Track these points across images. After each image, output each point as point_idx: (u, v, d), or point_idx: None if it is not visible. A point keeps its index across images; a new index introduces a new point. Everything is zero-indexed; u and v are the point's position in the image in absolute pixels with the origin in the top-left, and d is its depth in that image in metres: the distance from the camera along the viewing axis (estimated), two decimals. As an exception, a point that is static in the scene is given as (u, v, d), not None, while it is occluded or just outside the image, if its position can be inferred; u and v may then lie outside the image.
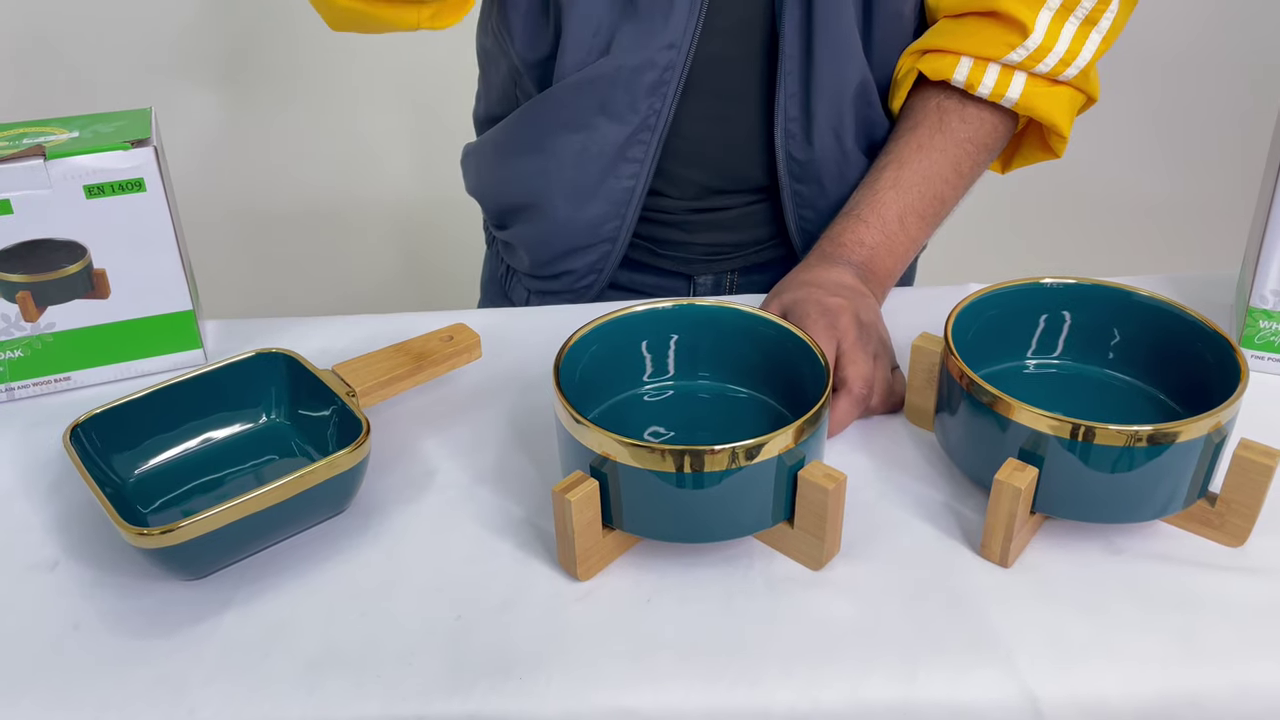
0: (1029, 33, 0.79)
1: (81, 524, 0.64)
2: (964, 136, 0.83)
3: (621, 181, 0.87)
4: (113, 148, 0.70)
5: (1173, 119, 1.84)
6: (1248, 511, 0.60)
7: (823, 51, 0.82)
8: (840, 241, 0.80)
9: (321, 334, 0.81)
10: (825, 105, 0.84)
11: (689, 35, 0.81)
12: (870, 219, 0.80)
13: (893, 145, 0.84)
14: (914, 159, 0.82)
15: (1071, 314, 0.69)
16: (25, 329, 0.73)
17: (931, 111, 0.84)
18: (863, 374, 0.68)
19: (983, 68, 0.81)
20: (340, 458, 0.60)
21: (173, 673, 0.55)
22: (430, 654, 0.56)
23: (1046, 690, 0.54)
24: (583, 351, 0.64)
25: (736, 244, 0.93)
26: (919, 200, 0.81)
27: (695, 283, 0.96)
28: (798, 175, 0.87)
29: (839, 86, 0.84)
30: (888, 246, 0.80)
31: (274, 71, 1.64)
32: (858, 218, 0.81)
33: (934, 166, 0.82)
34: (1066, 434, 0.57)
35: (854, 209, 0.81)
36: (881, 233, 0.80)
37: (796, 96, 0.84)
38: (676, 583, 0.60)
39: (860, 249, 0.79)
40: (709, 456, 0.55)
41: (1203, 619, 0.57)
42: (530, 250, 0.94)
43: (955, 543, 0.62)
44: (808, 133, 0.85)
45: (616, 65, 0.82)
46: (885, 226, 0.80)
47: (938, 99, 0.84)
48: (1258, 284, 0.74)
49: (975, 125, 0.83)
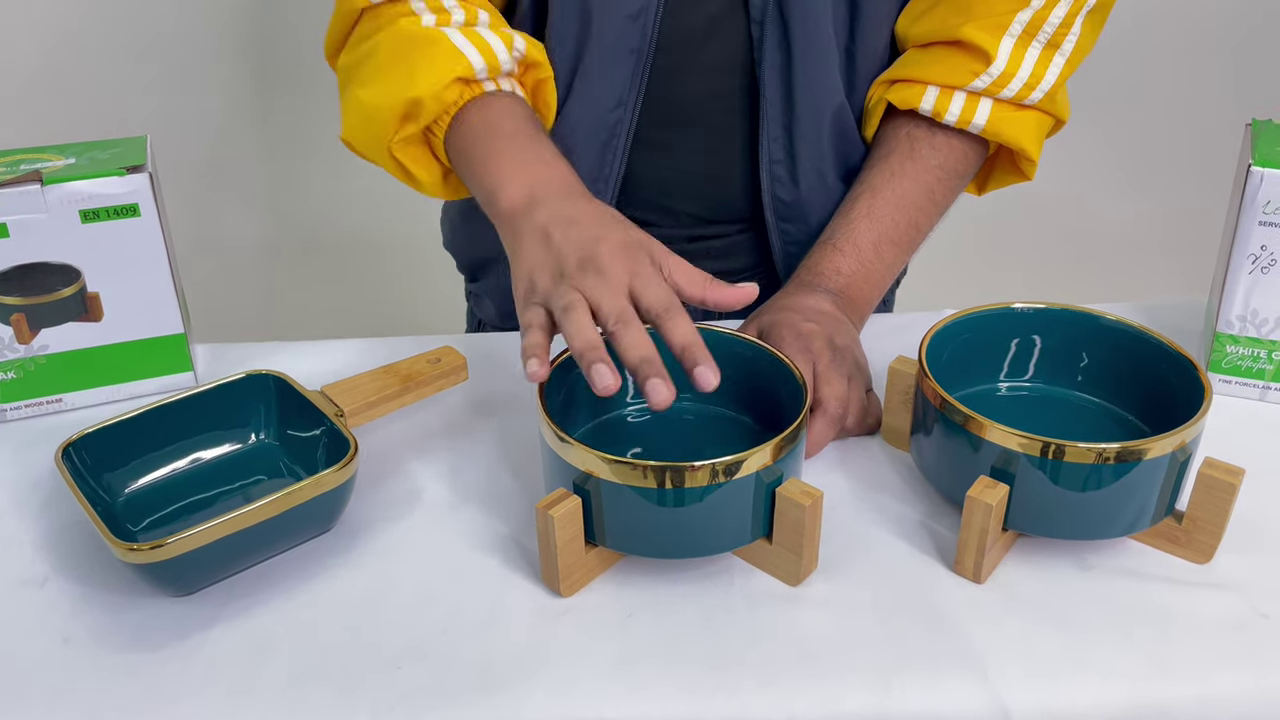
0: (992, 59, 0.81)
1: (71, 541, 0.65)
2: (935, 163, 0.85)
3: None
4: (108, 173, 0.72)
5: (1142, 151, 1.87)
6: (1213, 529, 0.62)
7: (803, 95, 0.83)
8: (817, 270, 0.81)
9: (311, 357, 0.82)
10: (807, 145, 0.86)
11: (634, 92, 0.83)
12: (845, 248, 0.81)
13: (866, 174, 0.86)
14: (887, 187, 0.84)
15: (1042, 338, 0.71)
16: (19, 351, 0.74)
17: (902, 140, 0.85)
18: (837, 394, 0.70)
19: (949, 96, 0.83)
20: (327, 476, 0.61)
21: (160, 686, 0.56)
22: (415, 668, 0.57)
23: (1019, 703, 0.55)
24: (566, 373, 0.66)
25: (721, 272, 0.95)
26: (893, 228, 0.83)
27: None
28: (783, 215, 0.89)
29: (819, 125, 0.85)
30: (863, 274, 0.81)
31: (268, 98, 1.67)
32: (834, 247, 0.82)
33: (907, 194, 0.83)
34: (1037, 452, 0.59)
35: (830, 238, 0.83)
36: (857, 261, 0.81)
37: (780, 140, 0.86)
38: (657, 598, 0.61)
39: (837, 277, 0.80)
40: (689, 473, 0.57)
41: (1171, 634, 0.59)
42: (498, 302, 0.97)
43: (930, 559, 0.63)
44: (793, 174, 0.87)
45: (571, 122, 0.84)
46: (860, 255, 0.82)
47: (907, 128, 0.86)
48: (1224, 310, 0.76)
49: (945, 152, 0.85)
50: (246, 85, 1.64)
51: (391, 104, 0.75)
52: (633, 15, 0.81)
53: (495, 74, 0.77)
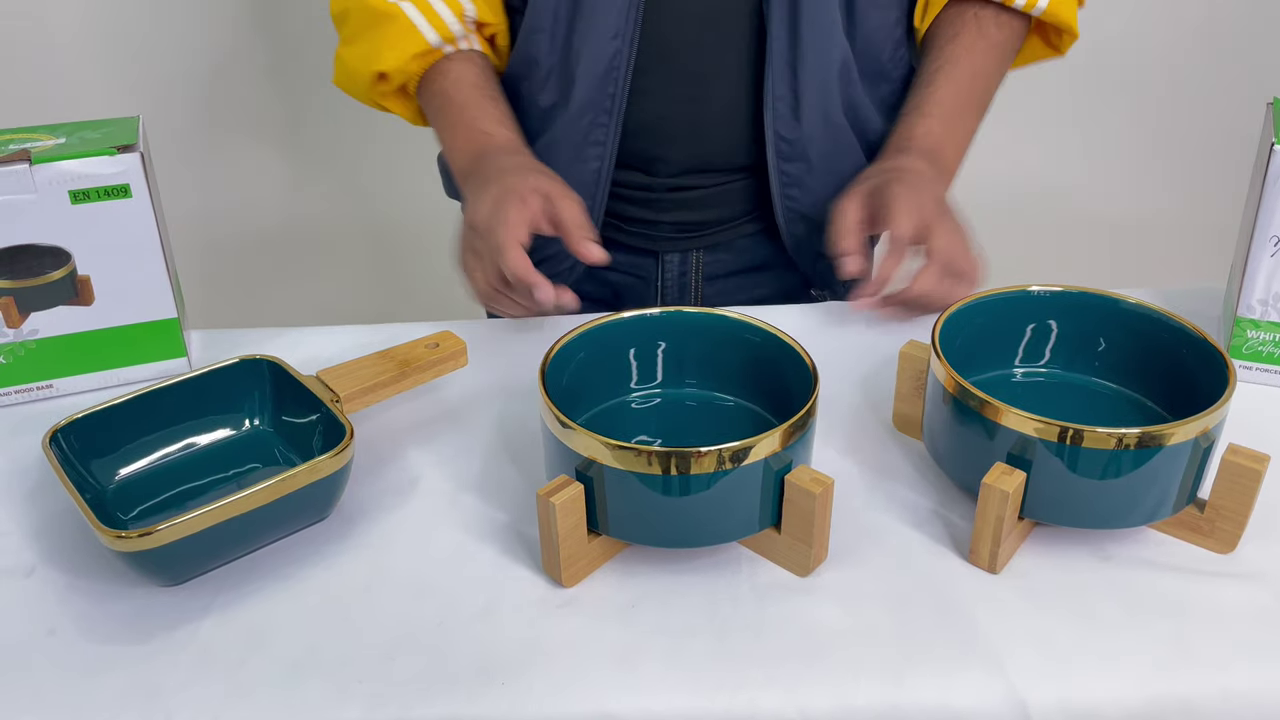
0: None
1: (59, 530, 0.63)
2: (999, 40, 0.91)
3: (588, 164, 0.91)
4: (99, 153, 0.70)
5: (1160, 136, 1.85)
6: (1237, 517, 0.60)
7: (808, 31, 0.86)
8: (911, 134, 0.87)
9: (308, 344, 0.80)
10: (812, 83, 0.88)
11: (630, 23, 0.86)
12: (934, 112, 0.87)
13: (939, 50, 0.90)
14: (964, 59, 0.89)
15: (1058, 322, 0.69)
16: (8, 336, 0.72)
17: (970, 20, 0.90)
18: (957, 249, 0.76)
19: None
20: (322, 462, 0.59)
21: (148, 678, 0.54)
22: (411, 658, 0.55)
23: (1035, 696, 0.53)
24: (569, 357, 0.64)
25: (702, 222, 0.97)
26: (970, 95, 0.89)
27: (663, 260, 0.99)
28: (786, 154, 0.91)
29: (825, 64, 0.88)
30: (951, 137, 0.88)
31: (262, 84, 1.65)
32: (923, 113, 0.87)
33: (980, 65, 0.90)
34: (1054, 437, 0.57)
35: (917, 106, 0.88)
36: (943, 125, 0.87)
37: (784, 76, 0.88)
38: (662, 589, 0.59)
39: (929, 139, 0.86)
40: (696, 459, 0.55)
41: (1192, 625, 0.57)
42: None
43: (944, 549, 0.62)
44: (796, 111, 0.89)
45: (570, 55, 0.87)
46: (946, 118, 0.88)
47: (974, 9, 0.91)
48: (1244, 294, 0.74)
49: (1007, 31, 0.91)
50: (242, 67, 1.62)
51: (365, 71, 0.89)
52: None
53: (451, 41, 0.88)
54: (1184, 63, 1.77)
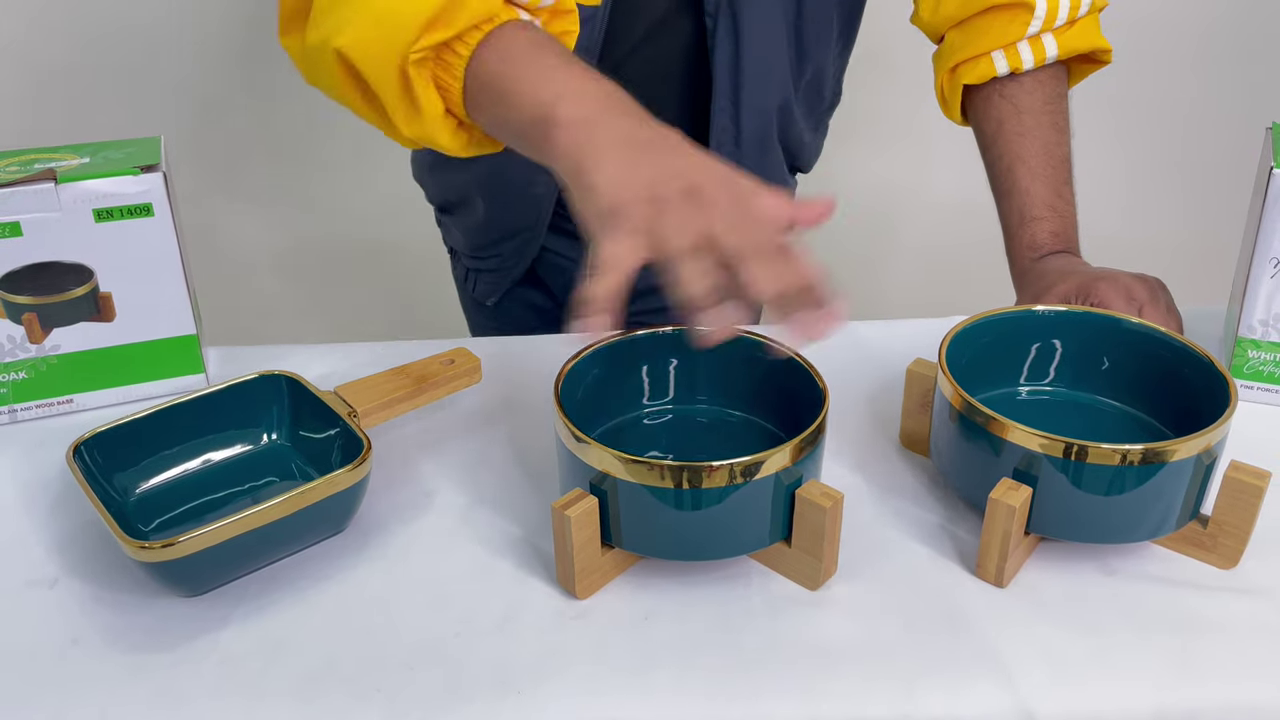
0: (1033, 6, 0.85)
1: (82, 542, 0.64)
2: (1039, 102, 0.88)
3: (537, 188, 0.95)
4: (122, 173, 0.71)
5: (1163, 159, 1.86)
6: (1239, 533, 0.61)
7: (751, 83, 0.88)
8: (1035, 245, 0.84)
9: (323, 360, 0.82)
10: (752, 121, 0.91)
11: None
12: (1043, 214, 0.85)
13: (1001, 150, 0.88)
14: (1027, 148, 0.87)
15: (1063, 341, 0.70)
16: (30, 351, 0.74)
17: (1003, 105, 0.89)
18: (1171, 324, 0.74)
19: (1015, 51, 0.87)
20: (340, 476, 0.60)
21: (170, 687, 0.55)
22: (429, 669, 0.56)
23: (1043, 709, 0.54)
24: (584, 373, 0.65)
25: None
26: (1055, 175, 0.86)
27: None
28: None
29: (765, 107, 0.91)
30: (1067, 224, 0.85)
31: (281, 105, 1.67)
32: (1035, 219, 0.85)
33: (1042, 141, 0.87)
34: (1059, 453, 0.58)
35: (1021, 219, 0.85)
36: (1058, 216, 0.85)
37: (727, 111, 0.91)
38: (674, 601, 0.60)
39: (1055, 240, 0.84)
40: (708, 474, 0.56)
41: (1197, 640, 0.58)
42: (469, 235, 1.05)
43: (951, 564, 0.63)
44: (736, 140, 0.92)
45: None
46: (1055, 209, 0.85)
47: (998, 91, 0.89)
48: (1245, 315, 0.75)
49: (1040, 89, 0.89)
50: (262, 88, 1.64)
51: (420, 3, 0.62)
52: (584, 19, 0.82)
53: (532, 7, 0.70)
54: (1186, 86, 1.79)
